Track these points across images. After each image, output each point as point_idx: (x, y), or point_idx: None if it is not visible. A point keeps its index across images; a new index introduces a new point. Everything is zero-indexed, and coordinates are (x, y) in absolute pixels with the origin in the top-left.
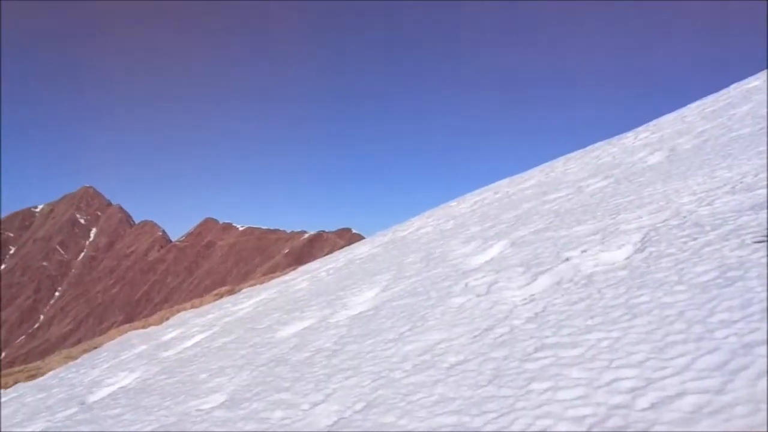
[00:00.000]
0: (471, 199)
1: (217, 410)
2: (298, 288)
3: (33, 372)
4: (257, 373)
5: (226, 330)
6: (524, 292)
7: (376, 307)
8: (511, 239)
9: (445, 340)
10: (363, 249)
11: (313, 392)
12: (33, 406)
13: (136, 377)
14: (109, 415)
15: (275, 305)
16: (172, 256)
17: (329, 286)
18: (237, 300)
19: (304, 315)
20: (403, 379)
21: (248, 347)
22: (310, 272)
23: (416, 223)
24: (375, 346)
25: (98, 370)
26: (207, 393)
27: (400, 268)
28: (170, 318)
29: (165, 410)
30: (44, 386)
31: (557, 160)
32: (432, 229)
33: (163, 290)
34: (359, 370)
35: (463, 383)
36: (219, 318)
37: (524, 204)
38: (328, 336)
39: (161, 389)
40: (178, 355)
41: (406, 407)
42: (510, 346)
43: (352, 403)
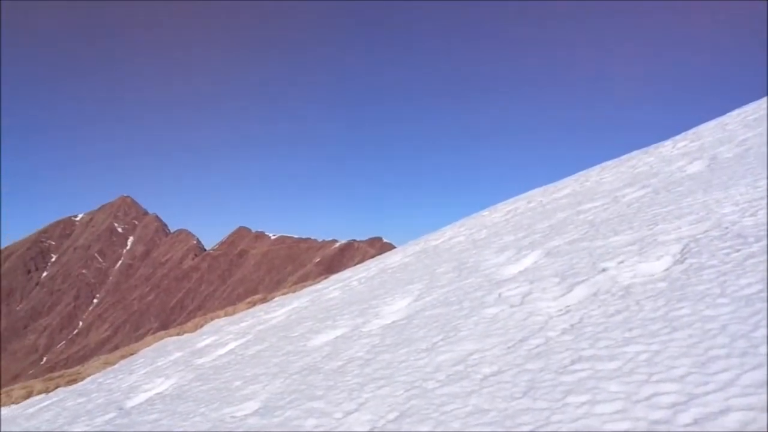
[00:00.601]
0: (504, 209)
1: (252, 417)
2: (330, 297)
3: (73, 377)
4: (290, 381)
5: (259, 338)
6: (559, 303)
7: (408, 317)
8: (546, 249)
9: (479, 351)
10: (395, 258)
11: (346, 401)
12: (73, 410)
13: (172, 383)
14: (146, 420)
15: (308, 314)
16: (206, 265)
17: (361, 295)
18: (270, 308)
19: (336, 324)
20: (437, 390)
21: (281, 355)
22: (341, 281)
23: (448, 233)
24: (408, 355)
25: (135, 376)
26: (241, 400)
27: (432, 277)
28: (204, 325)
29: (200, 416)
30: (84, 391)
31: (591, 170)
32: (464, 238)
33: (197, 298)
34: (392, 379)
35: (497, 395)
36: (252, 326)
37: (558, 213)
38: (360, 345)
39: (196, 396)
40: (212, 362)
41: (440, 418)
42: (545, 357)
43: (385, 413)
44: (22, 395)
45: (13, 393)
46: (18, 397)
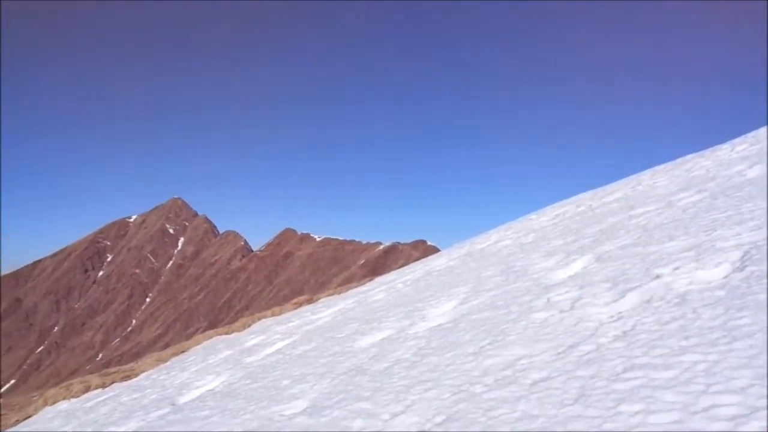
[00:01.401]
0: (551, 212)
1: (300, 416)
2: (376, 299)
3: (128, 373)
4: (337, 381)
5: (306, 338)
6: (611, 310)
7: (455, 320)
8: (596, 254)
9: (527, 356)
10: (440, 261)
11: (393, 403)
12: (129, 405)
13: (223, 381)
14: (198, 416)
15: (353, 315)
16: (253, 266)
17: (407, 298)
18: (316, 309)
19: (382, 325)
20: (484, 394)
21: (328, 356)
22: (387, 283)
23: (494, 236)
24: (455, 359)
25: (187, 373)
26: (289, 399)
27: (478, 281)
28: (252, 325)
29: (250, 414)
30: (138, 387)
31: (643, 173)
32: (511, 242)
33: (244, 298)
34: (439, 382)
35: (546, 401)
36: (299, 326)
37: (609, 218)
38: (406, 347)
39: (246, 394)
40: (261, 361)
41: (488, 422)
42: (597, 364)
43: (432, 416)
44: (80, 389)
45: (72, 387)
46: (77, 391)
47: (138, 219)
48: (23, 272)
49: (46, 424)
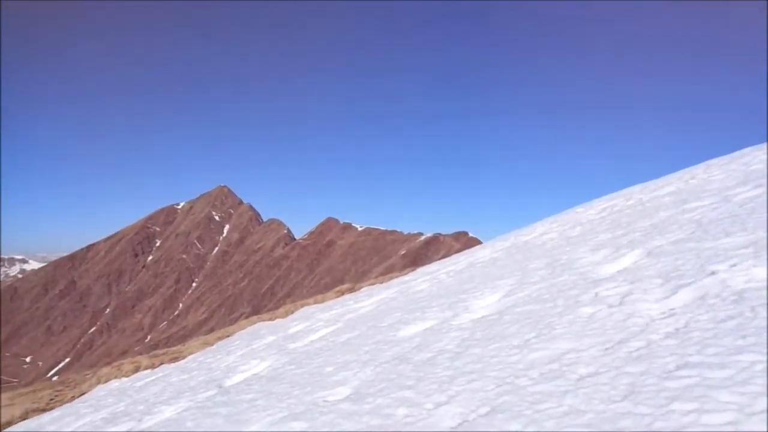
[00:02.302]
0: (599, 206)
1: (343, 403)
2: (419, 289)
3: (175, 355)
4: (381, 369)
5: (349, 326)
6: (663, 306)
7: (499, 312)
8: (647, 249)
9: (574, 351)
10: (484, 253)
11: (437, 393)
12: (177, 385)
13: (267, 366)
14: (244, 399)
15: (396, 305)
16: (296, 254)
17: (450, 289)
18: (358, 298)
19: (425, 315)
20: (529, 387)
21: (371, 344)
22: (429, 274)
23: (539, 229)
24: (499, 351)
25: (233, 357)
26: (333, 385)
27: (523, 273)
28: (295, 312)
29: (294, 399)
30: (186, 368)
31: (696, 167)
32: (557, 235)
33: (286, 285)
34: (483, 374)
35: (594, 396)
36: (342, 314)
37: (661, 212)
38: (450, 338)
39: (290, 379)
40: (305, 347)
41: (533, 416)
42: (647, 361)
43: (476, 407)
44: (131, 369)
45: (123, 367)
46: (128, 371)
47: (185, 206)
48: (78, 255)
49: (100, 401)
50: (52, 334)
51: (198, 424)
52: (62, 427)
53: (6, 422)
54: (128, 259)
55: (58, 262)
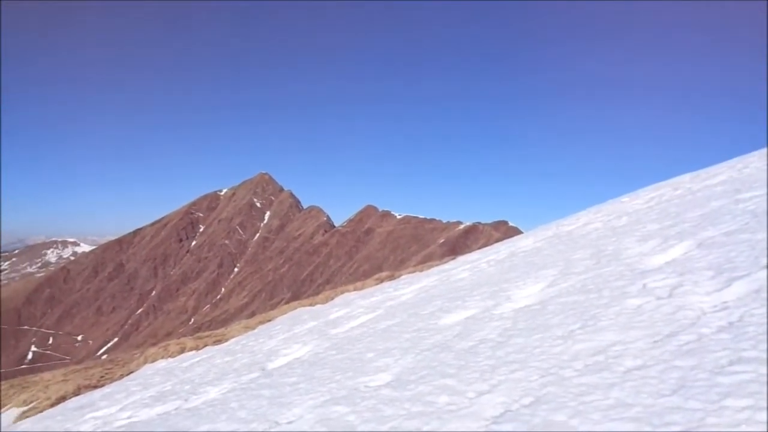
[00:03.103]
0: (646, 195)
1: (384, 389)
2: (460, 277)
3: (219, 337)
4: (422, 357)
5: (389, 313)
6: (715, 299)
7: (542, 302)
8: (698, 240)
9: (621, 343)
10: (526, 242)
11: (479, 381)
12: (221, 367)
13: (309, 350)
14: (287, 382)
15: (436, 293)
16: (335, 241)
17: (491, 278)
18: (398, 285)
19: (466, 304)
20: (574, 379)
21: (412, 331)
22: (470, 262)
23: (583, 218)
24: (542, 341)
25: (275, 341)
26: (374, 371)
27: (567, 263)
28: (335, 298)
29: (336, 383)
30: (229, 351)
31: (750, 155)
32: (602, 224)
33: (325, 272)
34: (526, 364)
35: (642, 390)
36: (382, 301)
37: (712, 202)
38: (492, 327)
39: (332, 364)
40: (345, 333)
41: (578, 407)
42: (698, 355)
43: (519, 397)
44: (176, 350)
45: (169, 348)
46: (173, 352)
47: (228, 192)
48: (126, 239)
49: (148, 380)
50: (102, 315)
51: (242, 405)
52: (113, 404)
53: (60, 397)
54: (173, 244)
55: (107, 245)
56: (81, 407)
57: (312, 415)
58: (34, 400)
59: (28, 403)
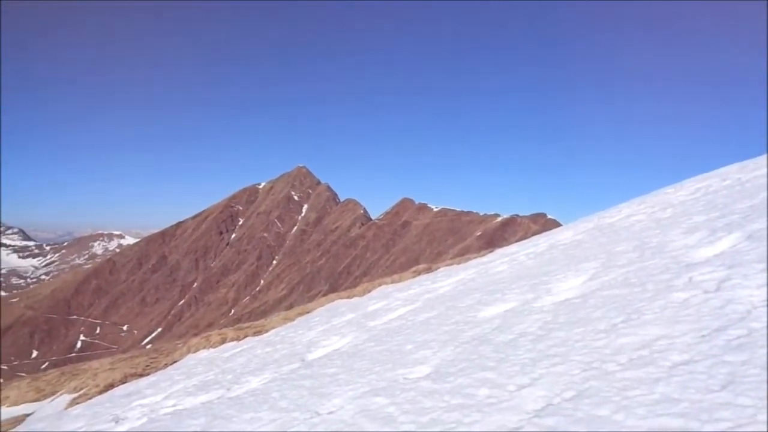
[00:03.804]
0: (691, 186)
1: (423, 381)
2: (498, 270)
3: (259, 328)
4: (461, 349)
5: (427, 306)
6: (765, 292)
7: (583, 295)
8: (747, 232)
9: (666, 337)
10: (565, 234)
11: (519, 375)
12: (262, 357)
13: (348, 342)
14: (326, 373)
15: (475, 286)
16: (372, 233)
17: (530, 271)
18: (435, 278)
19: (505, 297)
20: (618, 373)
21: (451, 324)
22: (508, 255)
23: (625, 210)
24: (584, 335)
25: (314, 332)
26: (413, 363)
27: (609, 256)
28: (372, 290)
29: (375, 375)
30: (270, 342)
31: None
32: (645, 216)
33: (362, 265)
34: (567, 357)
35: (689, 385)
36: (420, 294)
37: (762, 193)
38: (532, 320)
39: (371, 355)
40: (384, 325)
41: (622, 402)
42: (748, 350)
43: (561, 391)
44: (218, 340)
45: (211, 338)
46: (215, 342)
47: (266, 186)
48: (168, 232)
49: (191, 369)
50: (146, 305)
51: (283, 395)
52: (158, 392)
53: (108, 384)
54: (213, 237)
55: (150, 237)
56: (128, 395)
57: (352, 405)
58: (84, 387)
59: (78, 389)
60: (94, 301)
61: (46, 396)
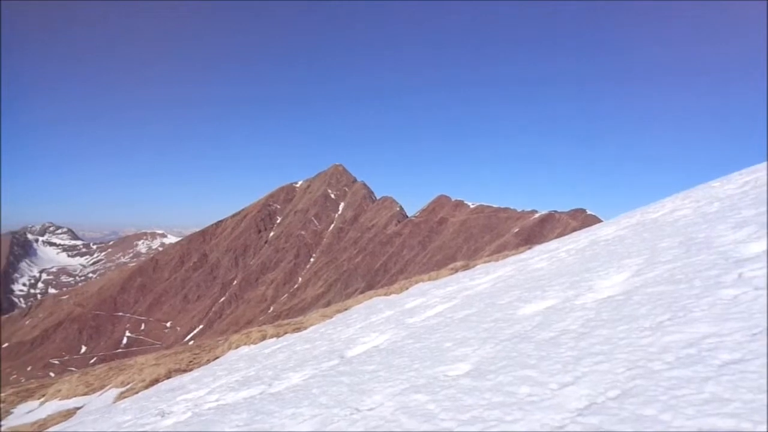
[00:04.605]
0: (739, 179)
1: (464, 378)
2: (537, 267)
3: (298, 326)
4: (501, 347)
5: (466, 303)
6: None
7: (627, 292)
8: None
9: (715, 335)
10: (607, 230)
11: (561, 373)
12: (302, 354)
13: (387, 339)
14: (366, 370)
15: (513, 282)
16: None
17: (571, 267)
18: (473, 275)
19: (545, 294)
20: (664, 372)
21: (490, 321)
22: (548, 252)
23: (669, 205)
24: (629, 333)
25: (352, 329)
26: (452, 361)
27: (653, 252)
28: (410, 288)
29: (414, 372)
30: (309, 338)
31: None
32: (690, 211)
33: (399, 262)
34: (611, 356)
35: (741, 384)
36: (458, 291)
37: None
38: (573, 318)
39: (410, 352)
40: (422, 322)
41: (670, 402)
42: None
43: (605, 390)
44: (258, 337)
45: (251, 335)
46: (255, 338)
47: (303, 184)
48: (209, 231)
49: (233, 365)
50: (188, 303)
51: (324, 391)
52: (202, 387)
53: (153, 379)
54: (252, 235)
55: (191, 236)
56: (173, 389)
57: (392, 402)
58: (131, 382)
59: (125, 384)
60: (138, 299)
61: (95, 390)
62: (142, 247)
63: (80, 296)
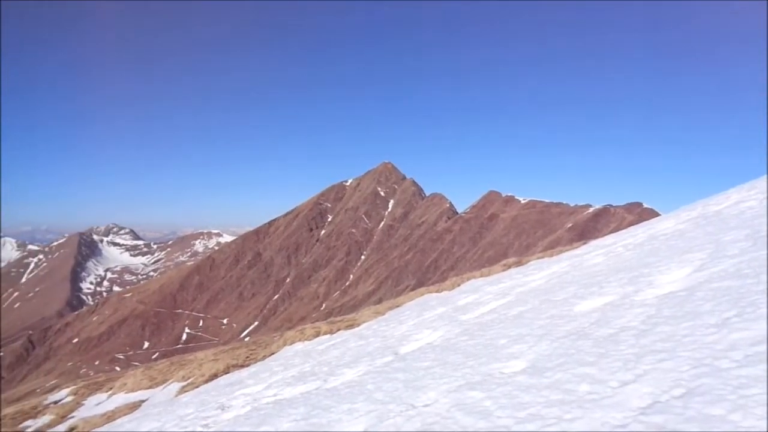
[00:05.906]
0: None
1: (520, 375)
2: (594, 263)
3: (350, 322)
4: (558, 344)
5: (520, 299)
6: None
7: (689, 288)
8: None
9: None
10: (667, 224)
11: (621, 371)
12: (355, 350)
13: (440, 336)
14: (420, 366)
15: (569, 279)
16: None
17: (629, 263)
18: (527, 271)
19: (603, 290)
20: (732, 370)
21: (545, 318)
22: (604, 247)
23: (734, 197)
24: (693, 329)
25: (405, 326)
26: (507, 358)
27: (717, 246)
28: (462, 284)
29: (469, 369)
30: (362, 335)
31: None
32: (757, 203)
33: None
34: (674, 353)
35: None
36: (511, 287)
37: None
38: (633, 314)
39: (464, 349)
40: (476, 319)
41: (738, 401)
42: None
43: (669, 388)
44: (312, 333)
45: (305, 331)
46: (309, 335)
47: (353, 183)
48: (262, 230)
49: (288, 361)
50: (243, 300)
51: (378, 387)
52: (259, 382)
53: (212, 374)
54: (304, 233)
55: (245, 235)
56: (231, 384)
57: (447, 399)
58: (191, 377)
59: (186, 378)
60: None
61: (158, 384)
62: (199, 246)
63: (142, 294)
